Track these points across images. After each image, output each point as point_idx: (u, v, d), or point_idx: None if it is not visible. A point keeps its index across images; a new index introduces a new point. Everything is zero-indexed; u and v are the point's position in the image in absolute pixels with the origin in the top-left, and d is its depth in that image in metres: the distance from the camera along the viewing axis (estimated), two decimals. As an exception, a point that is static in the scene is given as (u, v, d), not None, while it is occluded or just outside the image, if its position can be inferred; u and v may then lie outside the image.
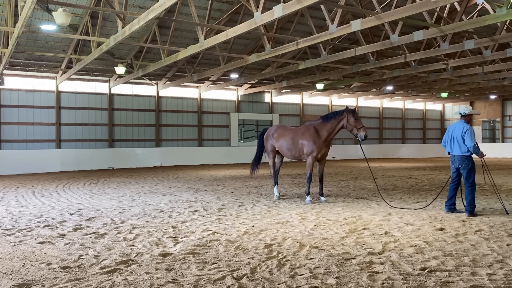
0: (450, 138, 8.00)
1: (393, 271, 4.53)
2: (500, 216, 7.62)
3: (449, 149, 8.05)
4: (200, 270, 4.67)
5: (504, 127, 35.32)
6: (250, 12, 14.92)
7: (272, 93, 29.46)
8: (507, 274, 4.39)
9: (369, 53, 17.93)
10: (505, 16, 11.13)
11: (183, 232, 6.56)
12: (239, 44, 20.42)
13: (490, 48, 16.83)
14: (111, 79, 23.32)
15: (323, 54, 16.92)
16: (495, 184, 9.33)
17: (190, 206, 9.16)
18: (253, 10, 11.06)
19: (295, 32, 18.00)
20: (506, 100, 35.00)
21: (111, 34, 14.69)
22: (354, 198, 10.18)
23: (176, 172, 19.23)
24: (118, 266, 4.82)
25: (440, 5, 10.17)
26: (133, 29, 12.09)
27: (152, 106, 25.00)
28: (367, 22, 11.78)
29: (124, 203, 9.68)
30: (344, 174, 17.37)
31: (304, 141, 9.75)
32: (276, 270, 4.65)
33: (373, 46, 15.29)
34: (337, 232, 6.42)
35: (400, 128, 36.13)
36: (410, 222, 7.11)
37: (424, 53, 17.06)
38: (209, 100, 27.07)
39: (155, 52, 19.99)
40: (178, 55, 15.76)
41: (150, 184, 13.95)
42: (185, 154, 25.41)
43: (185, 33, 19.04)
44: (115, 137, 23.73)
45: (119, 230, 6.75)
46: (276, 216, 7.86)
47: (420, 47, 19.14)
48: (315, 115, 31.03)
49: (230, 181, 14.95)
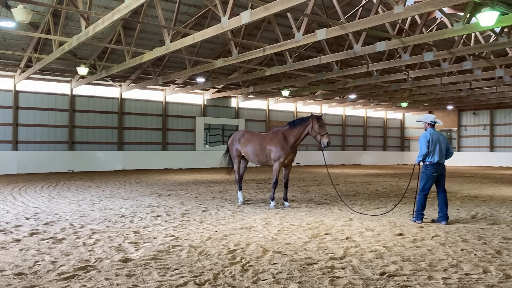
0: (438, 147, 7.78)
1: (353, 276, 4.62)
2: (455, 222, 7.93)
3: (437, 158, 7.76)
4: (162, 276, 4.60)
5: (460, 136, 36.84)
6: (217, 17, 14.94)
7: (238, 98, 29.51)
8: (461, 278, 4.57)
9: (333, 62, 18.32)
10: (462, 31, 11.66)
11: (145, 237, 6.45)
12: (206, 48, 20.37)
13: (448, 60, 17.56)
14: (73, 79, 22.71)
15: (289, 61, 17.14)
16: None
17: (153, 211, 9.02)
18: (220, 15, 11.09)
19: (262, 39, 18.14)
20: (462, 110, 36.55)
21: (74, 33, 14.33)
22: (317, 204, 10.32)
23: (139, 176, 18.90)
24: (76, 272, 4.68)
25: (402, 17, 10.55)
26: (97, 30, 11.86)
27: (115, 108, 24.49)
28: (332, 31, 12.04)
29: (84, 207, 9.42)
30: (308, 180, 17.59)
31: (272, 147, 9.80)
32: (239, 275, 4.64)
33: (337, 55, 15.63)
34: (300, 237, 6.49)
35: (362, 135, 37.01)
36: (371, 228, 7.28)
37: (386, 64, 17.60)
38: (174, 104, 26.81)
39: (120, 54, 19.63)
40: (143, 57, 15.55)
41: (111, 188, 13.64)
42: (149, 158, 25.00)
43: (151, 35, 18.80)
44: (75, 139, 23.07)
45: (78, 235, 6.56)
46: (240, 221, 7.86)
47: (382, 58, 19.72)
48: (281, 121, 31.31)
49: (194, 186, 14.83)
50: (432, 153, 7.78)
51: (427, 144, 7.75)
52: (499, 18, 10.51)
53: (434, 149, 7.77)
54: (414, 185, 8.74)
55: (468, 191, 13.48)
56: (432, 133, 7.88)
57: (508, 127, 34.08)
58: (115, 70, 18.23)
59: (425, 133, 7.93)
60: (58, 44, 15.33)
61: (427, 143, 7.75)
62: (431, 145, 7.76)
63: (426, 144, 7.75)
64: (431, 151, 7.77)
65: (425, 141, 7.76)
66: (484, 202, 10.80)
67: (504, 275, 4.66)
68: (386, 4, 15.12)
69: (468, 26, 11.47)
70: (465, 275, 4.69)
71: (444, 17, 14.10)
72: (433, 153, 7.78)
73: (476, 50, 14.74)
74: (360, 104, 32.86)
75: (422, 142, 7.80)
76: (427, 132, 7.92)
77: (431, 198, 10.59)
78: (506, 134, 34.15)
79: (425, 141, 7.77)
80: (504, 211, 9.34)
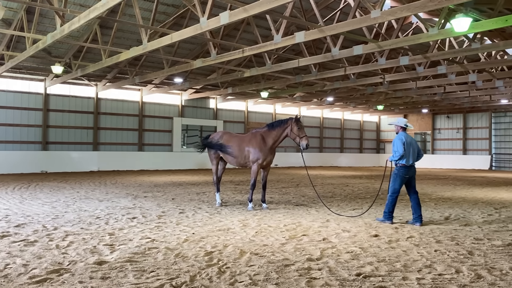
0: (412, 150, 7.97)
1: (330, 277, 4.66)
2: (429, 223, 8.08)
3: (411, 161, 7.96)
4: (138, 278, 4.54)
5: (434, 139, 37.65)
6: (196, 17, 14.86)
7: (217, 99, 29.42)
8: (435, 278, 4.66)
9: (312, 64, 18.46)
10: (436, 36, 11.92)
11: (120, 239, 6.35)
12: (184, 49, 20.24)
13: (423, 65, 17.93)
14: (47, 78, 22.21)
15: (268, 63, 17.19)
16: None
17: (129, 212, 8.89)
18: (199, 16, 11.03)
19: (241, 40, 18.14)
20: (437, 114, 37.38)
21: (49, 31, 14.04)
22: (295, 205, 10.37)
23: (114, 178, 18.61)
24: (49, 276, 4.56)
25: (379, 21, 10.72)
26: (73, 28, 11.64)
27: (91, 108, 24.07)
28: (310, 34, 12.14)
29: (57, 209, 9.21)
30: (286, 181, 17.66)
31: (250, 148, 9.80)
32: (216, 277, 4.61)
33: (315, 58, 15.77)
34: (278, 239, 6.50)
35: (339, 137, 37.43)
36: (347, 229, 7.35)
37: (363, 67, 17.85)
38: (151, 104, 26.53)
39: (96, 53, 19.31)
40: (119, 56, 15.33)
41: (86, 190, 13.39)
42: (125, 159, 24.65)
43: (128, 34, 18.58)
44: (49, 140, 22.56)
45: (51, 237, 6.40)
46: (218, 223, 7.83)
47: (359, 61, 20.00)
48: (260, 122, 31.37)
49: (171, 187, 14.69)
50: (407, 155, 7.94)
51: (403, 146, 7.90)
52: (472, 24, 10.79)
53: (408, 151, 7.94)
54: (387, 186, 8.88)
55: (441, 193, 13.77)
56: (406, 136, 8.07)
57: (480, 130, 35.01)
58: (91, 69, 17.91)
59: (399, 135, 8.10)
60: (31, 41, 14.97)
61: (402, 145, 7.91)
62: (406, 147, 7.92)
63: (402, 146, 7.90)
64: (406, 153, 7.93)
65: (401, 143, 7.92)
66: (457, 204, 11.05)
67: (475, 275, 4.77)
68: (363, 9, 15.33)
69: (443, 31, 11.74)
70: (439, 275, 4.78)
71: (419, 22, 14.38)
72: (407, 156, 7.94)
73: (450, 55, 15.10)
74: (338, 106, 33.22)
75: (398, 143, 7.94)
76: (401, 135, 8.09)
77: (405, 200, 10.80)
78: (478, 138, 35.08)
79: (401, 142, 7.92)
80: (476, 212, 9.58)
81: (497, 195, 13.53)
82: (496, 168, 33.63)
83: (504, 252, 5.87)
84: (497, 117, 34.26)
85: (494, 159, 33.99)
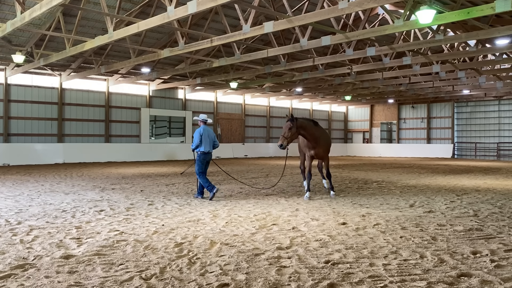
0: (208, 140, 9.73)
1: (299, 265, 4.73)
2: (395, 210, 8.32)
3: (208, 148, 9.73)
4: (106, 271, 4.47)
5: (400, 129, 38.59)
6: (163, 6, 14.61)
7: (185, 89, 29.11)
8: (400, 264, 4.81)
9: (281, 55, 18.52)
10: (402, 27, 12.17)
11: (88, 232, 6.23)
12: (152, 38, 19.87)
13: (389, 56, 18.27)
14: (8, 68, 21.36)
15: (237, 53, 17.11)
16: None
17: (96, 205, 8.73)
18: (166, 4, 10.85)
19: (209, 30, 17.96)
20: (402, 104, 38.28)
21: (9, 18, 13.48)
22: (265, 195, 10.44)
23: (81, 170, 18.19)
24: (13, 271, 4.43)
25: (346, 12, 10.83)
26: (34, 15, 11.23)
27: (55, 99, 23.36)
28: (279, 24, 12.15)
29: (21, 203, 8.93)
30: (256, 172, 17.73)
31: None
32: (186, 268, 4.60)
33: (284, 48, 15.81)
34: (248, 229, 6.54)
35: (308, 128, 37.72)
36: (316, 217, 7.47)
37: (331, 58, 18.04)
38: (118, 94, 25.98)
39: (59, 41, 18.71)
40: (84, 45, 14.91)
41: (51, 182, 13.03)
42: (91, 151, 24.09)
43: (93, 22, 18.06)
44: (11, 131, 21.78)
45: (15, 232, 6.21)
46: (188, 214, 7.79)
47: (327, 52, 20.19)
48: (229, 113, 31.32)
49: (139, 179, 14.49)
50: (204, 144, 9.70)
51: (200, 138, 9.66)
52: (436, 16, 11.07)
53: (205, 141, 9.73)
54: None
55: (407, 181, 14.17)
56: (204, 128, 9.81)
57: (443, 120, 36.12)
58: (54, 59, 17.34)
59: (199, 128, 9.83)
60: (-10, 29, 14.34)
61: (200, 136, 9.66)
62: (203, 138, 9.68)
63: (199, 137, 9.67)
64: (203, 142, 9.68)
65: (198, 135, 9.69)
66: (421, 191, 11.40)
67: (438, 260, 4.95)
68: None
69: (408, 23, 11.99)
70: (404, 260, 4.93)
71: (386, 14, 14.63)
72: (205, 144, 9.71)
73: (415, 46, 15.45)
74: (306, 97, 33.49)
75: (196, 135, 9.71)
76: (200, 128, 9.81)
77: (371, 189, 11.02)
78: (441, 127, 36.19)
79: (199, 135, 9.69)
80: (439, 199, 9.92)
81: (459, 182, 14.04)
82: (458, 157, 34.84)
83: (465, 237, 6.11)
84: (459, 107, 35.42)
85: (456, 147, 35.19)
